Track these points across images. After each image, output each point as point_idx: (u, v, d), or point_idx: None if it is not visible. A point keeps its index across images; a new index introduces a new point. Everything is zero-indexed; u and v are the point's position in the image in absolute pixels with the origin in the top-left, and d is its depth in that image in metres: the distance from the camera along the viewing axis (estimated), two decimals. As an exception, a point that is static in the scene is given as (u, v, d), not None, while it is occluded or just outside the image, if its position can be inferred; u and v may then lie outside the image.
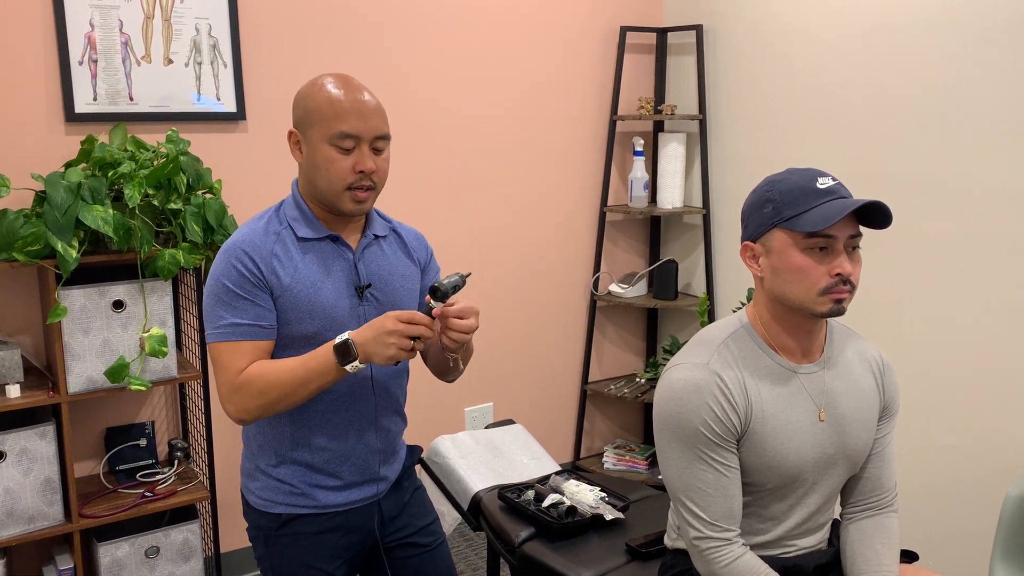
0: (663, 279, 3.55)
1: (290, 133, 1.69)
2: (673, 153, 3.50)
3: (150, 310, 2.46)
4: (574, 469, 3.62)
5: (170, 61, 2.68)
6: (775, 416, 1.57)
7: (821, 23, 3.05)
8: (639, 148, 3.55)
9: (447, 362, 1.78)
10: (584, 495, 2.25)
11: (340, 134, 1.61)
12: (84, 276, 2.45)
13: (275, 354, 1.68)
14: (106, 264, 2.49)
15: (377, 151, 1.66)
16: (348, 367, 1.58)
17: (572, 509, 2.20)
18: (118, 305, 2.42)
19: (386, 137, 1.67)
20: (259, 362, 1.63)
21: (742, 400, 1.56)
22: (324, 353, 1.60)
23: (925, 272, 2.82)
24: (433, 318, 1.59)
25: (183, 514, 2.68)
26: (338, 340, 1.59)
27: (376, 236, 1.77)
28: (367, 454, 1.76)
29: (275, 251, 1.66)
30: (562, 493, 2.28)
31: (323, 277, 1.68)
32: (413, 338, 1.57)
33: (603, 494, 2.30)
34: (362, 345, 1.57)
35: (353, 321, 1.70)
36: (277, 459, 1.73)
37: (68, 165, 2.44)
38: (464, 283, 1.63)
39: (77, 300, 2.37)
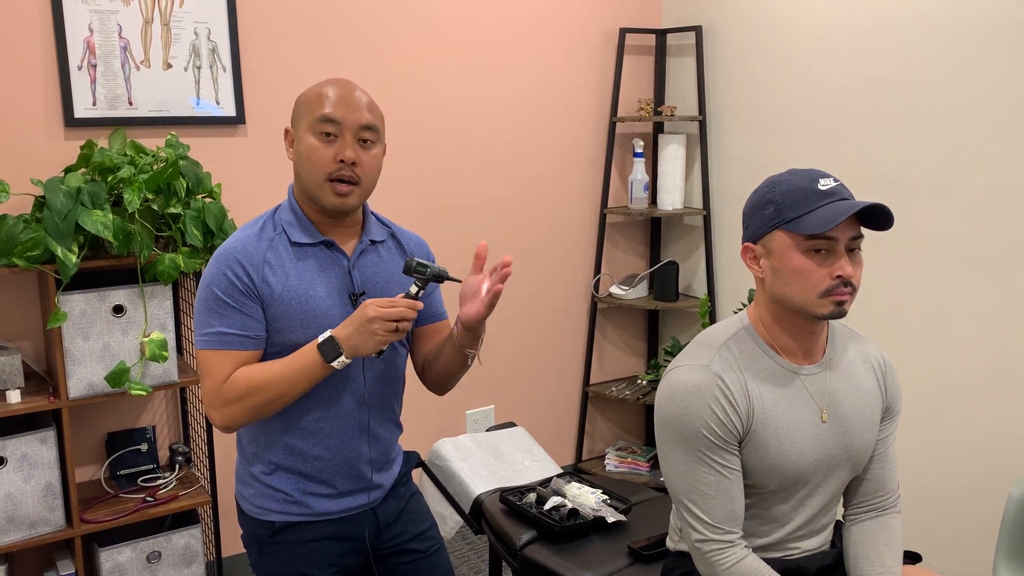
0: (664, 281, 3.55)
1: (285, 132, 1.69)
2: (673, 154, 3.50)
3: (150, 314, 2.46)
4: (576, 471, 3.61)
5: (169, 65, 2.68)
6: (777, 418, 1.57)
7: (820, 23, 3.05)
8: (639, 149, 3.55)
9: (460, 362, 1.74)
10: (586, 497, 2.25)
11: (322, 117, 1.60)
12: (84, 281, 2.45)
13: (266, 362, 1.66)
14: (106, 269, 2.49)
15: (364, 143, 1.64)
16: (335, 363, 1.58)
17: (574, 512, 2.19)
18: (118, 310, 2.42)
19: (373, 128, 1.64)
20: (243, 368, 1.62)
21: (743, 402, 1.55)
22: (309, 353, 1.59)
23: (927, 273, 2.81)
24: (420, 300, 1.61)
25: (184, 519, 2.68)
26: (321, 339, 1.59)
27: (373, 241, 1.75)
28: (360, 463, 1.75)
29: (267, 258, 1.64)
30: (564, 496, 2.27)
31: (316, 285, 1.66)
32: (395, 321, 1.57)
33: (605, 496, 2.29)
34: (346, 340, 1.57)
35: None
36: (271, 467, 1.72)
37: (68, 170, 2.44)
38: (442, 278, 1.63)
39: (77, 305, 2.36)
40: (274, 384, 1.60)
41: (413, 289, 1.62)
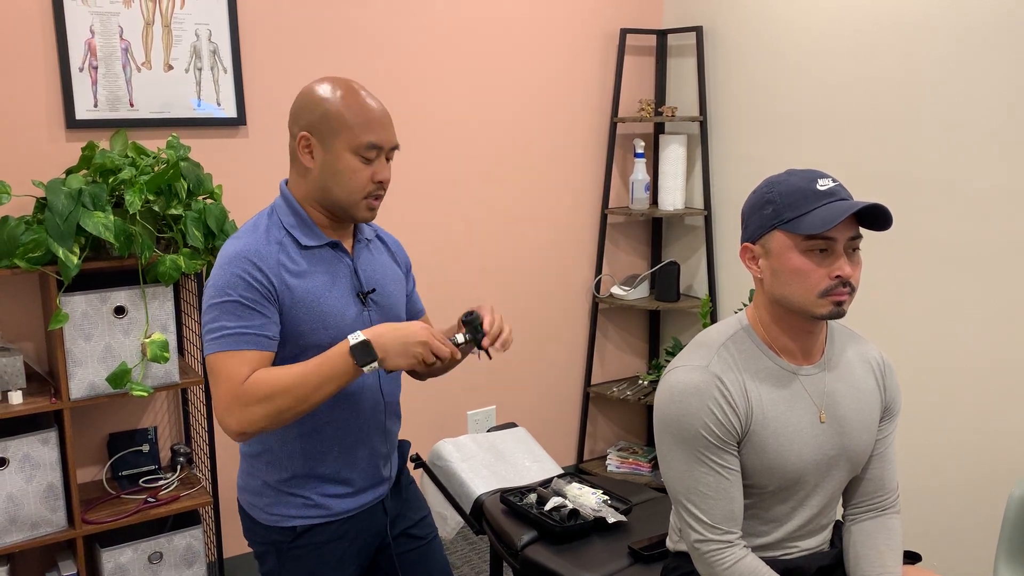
0: (665, 281, 3.55)
1: (302, 136, 1.63)
2: (674, 155, 3.50)
3: (151, 315, 2.47)
4: (577, 472, 3.62)
5: (170, 67, 2.69)
6: (776, 418, 1.57)
7: (821, 23, 3.05)
8: (640, 150, 3.55)
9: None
10: (586, 498, 2.25)
11: (369, 145, 1.61)
12: (85, 282, 2.45)
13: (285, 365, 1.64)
14: (107, 270, 2.49)
15: (388, 160, 1.68)
16: (366, 368, 1.54)
17: (574, 512, 2.20)
18: (120, 311, 2.42)
19: (398, 147, 1.70)
20: (263, 369, 1.56)
21: (742, 402, 1.55)
22: (339, 355, 1.54)
23: (926, 272, 2.81)
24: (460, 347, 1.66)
25: (186, 519, 2.68)
26: (355, 341, 1.54)
27: (366, 240, 1.79)
28: (375, 459, 1.77)
29: (281, 261, 1.62)
30: (564, 496, 2.27)
31: (330, 285, 1.67)
32: (435, 355, 1.60)
33: (605, 497, 2.29)
34: (381, 348, 1.54)
35: (359, 327, 1.67)
36: (289, 474, 1.70)
37: (69, 172, 2.45)
38: (479, 343, 1.68)
39: (79, 306, 2.37)
40: (299, 387, 1.52)
41: (460, 339, 1.66)
